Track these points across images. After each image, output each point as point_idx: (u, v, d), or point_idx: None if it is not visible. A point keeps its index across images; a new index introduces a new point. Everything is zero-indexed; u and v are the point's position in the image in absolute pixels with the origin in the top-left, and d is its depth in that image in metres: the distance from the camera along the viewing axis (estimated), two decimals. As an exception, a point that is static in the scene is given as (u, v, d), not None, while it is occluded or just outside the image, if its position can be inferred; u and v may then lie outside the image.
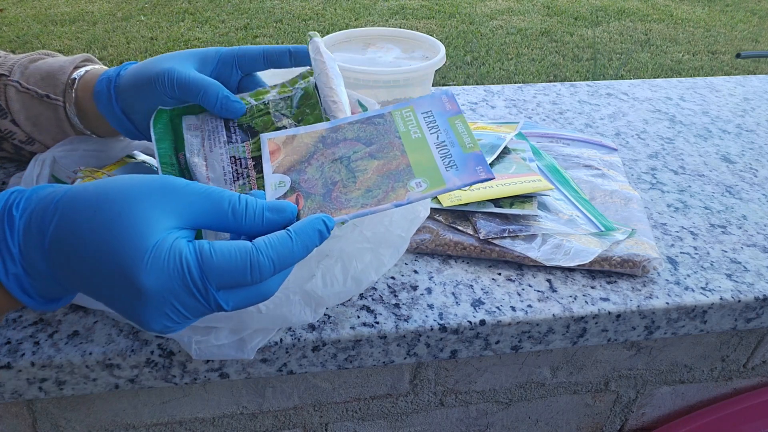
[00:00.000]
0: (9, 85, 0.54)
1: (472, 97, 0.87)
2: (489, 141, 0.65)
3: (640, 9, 4.41)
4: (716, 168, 0.73)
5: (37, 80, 0.55)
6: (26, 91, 0.54)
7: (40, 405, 0.52)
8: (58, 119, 0.55)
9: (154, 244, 0.33)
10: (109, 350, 0.44)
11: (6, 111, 0.55)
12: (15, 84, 0.54)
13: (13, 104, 0.55)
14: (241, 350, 0.44)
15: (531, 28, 3.95)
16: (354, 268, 0.46)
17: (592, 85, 0.94)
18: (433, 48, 0.71)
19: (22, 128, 0.56)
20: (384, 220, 0.47)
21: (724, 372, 0.66)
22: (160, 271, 0.33)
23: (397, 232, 0.48)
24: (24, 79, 0.55)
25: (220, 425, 0.57)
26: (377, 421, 0.61)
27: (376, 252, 0.47)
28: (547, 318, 0.50)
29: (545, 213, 0.58)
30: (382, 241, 0.47)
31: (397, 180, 0.43)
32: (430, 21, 4.00)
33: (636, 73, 3.40)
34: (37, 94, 0.54)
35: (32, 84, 0.55)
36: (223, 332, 0.44)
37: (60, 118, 0.55)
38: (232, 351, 0.44)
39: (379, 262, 0.47)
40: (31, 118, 0.55)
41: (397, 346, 0.49)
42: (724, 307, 0.53)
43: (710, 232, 0.61)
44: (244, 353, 0.44)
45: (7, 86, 0.55)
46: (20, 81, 0.55)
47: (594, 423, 0.68)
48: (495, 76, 3.27)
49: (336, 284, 0.45)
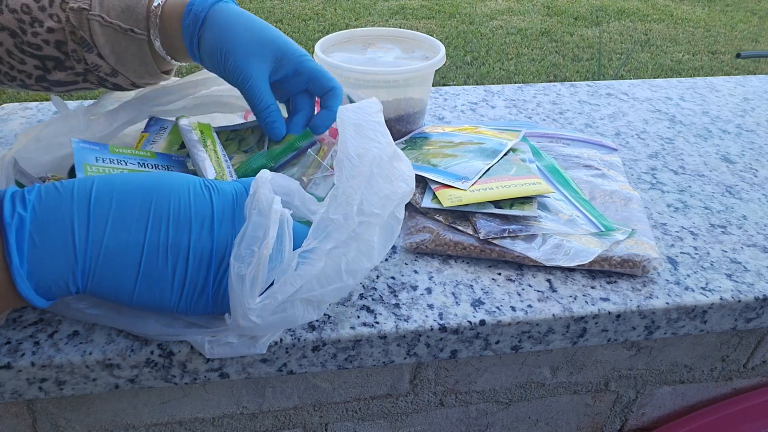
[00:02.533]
0: (92, 19, 0.53)
1: (472, 97, 0.87)
2: (491, 146, 0.66)
3: (640, 9, 4.41)
4: (716, 168, 0.73)
5: (118, 13, 0.54)
6: (110, 25, 0.54)
7: (40, 405, 0.52)
8: (141, 53, 0.55)
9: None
10: (109, 350, 0.44)
11: (92, 45, 0.54)
12: (98, 18, 0.53)
13: (98, 38, 0.54)
14: (254, 346, 0.44)
15: (531, 28, 3.95)
16: (344, 261, 0.45)
17: (592, 85, 0.94)
18: (433, 48, 0.71)
19: (107, 61, 0.55)
20: (352, 201, 0.45)
21: (724, 372, 0.66)
22: (228, 185, 0.43)
23: (372, 210, 0.45)
24: (104, 13, 0.54)
25: (220, 425, 0.57)
26: (377, 421, 0.61)
27: (360, 238, 0.45)
28: (547, 318, 0.50)
29: (545, 213, 0.58)
30: (362, 224, 0.45)
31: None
32: (430, 21, 4.00)
33: (636, 73, 3.40)
34: (121, 29, 0.54)
35: (114, 18, 0.54)
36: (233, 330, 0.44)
37: (143, 51, 0.55)
38: (244, 348, 0.44)
39: (369, 246, 0.46)
40: (116, 52, 0.55)
41: (397, 346, 0.49)
42: (724, 307, 0.53)
43: (710, 232, 0.61)
44: (257, 348, 0.44)
45: (90, 20, 0.53)
46: (102, 15, 0.54)
47: (594, 423, 0.68)
48: (495, 76, 3.27)
49: (332, 281, 0.45)
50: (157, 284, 0.40)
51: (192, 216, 0.40)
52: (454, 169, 0.61)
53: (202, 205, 0.40)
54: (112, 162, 0.52)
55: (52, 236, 0.37)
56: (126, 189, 0.39)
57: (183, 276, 0.40)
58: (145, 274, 0.39)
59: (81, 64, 0.55)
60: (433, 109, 0.83)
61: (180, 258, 0.39)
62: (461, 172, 0.61)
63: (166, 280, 0.39)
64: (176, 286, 0.40)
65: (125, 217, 0.38)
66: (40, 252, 0.37)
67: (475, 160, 0.63)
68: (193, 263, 0.40)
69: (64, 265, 0.37)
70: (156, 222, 0.39)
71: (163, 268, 0.39)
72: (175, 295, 0.40)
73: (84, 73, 0.56)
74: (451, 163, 0.62)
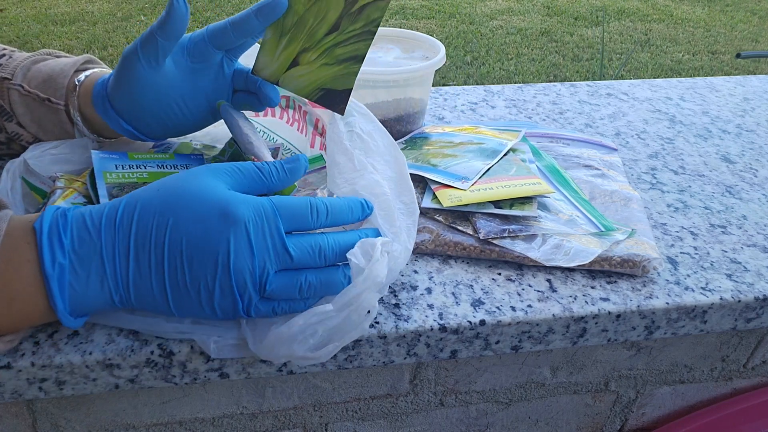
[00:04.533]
0: (12, 88, 0.55)
1: (472, 97, 0.87)
2: (491, 146, 0.66)
3: (640, 9, 4.41)
4: (716, 168, 0.73)
5: (39, 83, 0.55)
6: (28, 94, 0.55)
7: (40, 405, 0.52)
8: (60, 122, 0.56)
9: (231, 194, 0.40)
10: (109, 350, 0.44)
11: (11, 114, 0.56)
12: (17, 87, 0.55)
13: (17, 107, 0.55)
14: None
15: (531, 28, 3.95)
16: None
17: (592, 85, 0.94)
18: (433, 48, 0.71)
19: (28, 130, 0.56)
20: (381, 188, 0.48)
21: (724, 372, 0.66)
22: (246, 203, 0.40)
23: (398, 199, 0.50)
24: (26, 82, 0.55)
25: (220, 425, 0.57)
26: (377, 421, 0.61)
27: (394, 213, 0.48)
28: (547, 318, 0.50)
29: (545, 213, 0.58)
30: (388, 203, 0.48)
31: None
32: (430, 21, 4.00)
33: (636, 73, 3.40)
34: (39, 98, 0.55)
35: (34, 87, 0.55)
36: (240, 330, 0.44)
37: (62, 120, 0.56)
38: (249, 349, 0.44)
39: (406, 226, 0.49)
40: (35, 120, 0.56)
41: (397, 346, 0.49)
42: (724, 307, 0.53)
43: (710, 232, 0.61)
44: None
45: (10, 90, 0.55)
46: (22, 84, 0.55)
47: (594, 423, 0.68)
48: (495, 76, 3.27)
49: (394, 261, 0.45)
50: (188, 308, 0.41)
51: (204, 250, 0.39)
52: (454, 169, 0.61)
53: (215, 239, 0.39)
54: (131, 167, 0.52)
55: (87, 279, 0.39)
56: (147, 207, 0.40)
57: (210, 302, 0.40)
58: (175, 301, 0.40)
59: (2, 134, 0.57)
60: (433, 109, 0.83)
61: (202, 291, 0.40)
62: (461, 172, 0.61)
63: (195, 306, 0.41)
64: (207, 311, 0.41)
65: (145, 247, 0.39)
66: (79, 293, 0.39)
67: (475, 160, 0.63)
68: (217, 294, 0.40)
69: (102, 297, 0.40)
70: (171, 259, 0.39)
71: (187, 298, 0.40)
72: (209, 313, 0.41)
73: (7, 141, 0.58)
74: (451, 163, 0.62)
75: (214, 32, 0.50)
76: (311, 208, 0.42)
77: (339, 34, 0.48)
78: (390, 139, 0.55)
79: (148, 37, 0.47)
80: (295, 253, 0.41)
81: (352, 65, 0.49)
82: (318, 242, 0.42)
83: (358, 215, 0.45)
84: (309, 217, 0.42)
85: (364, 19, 0.47)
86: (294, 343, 0.40)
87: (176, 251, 0.39)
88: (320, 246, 0.42)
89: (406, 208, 0.51)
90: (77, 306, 0.40)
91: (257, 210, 0.40)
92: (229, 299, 0.40)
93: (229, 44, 0.51)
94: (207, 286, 0.39)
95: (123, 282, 0.40)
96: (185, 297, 0.40)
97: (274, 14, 0.48)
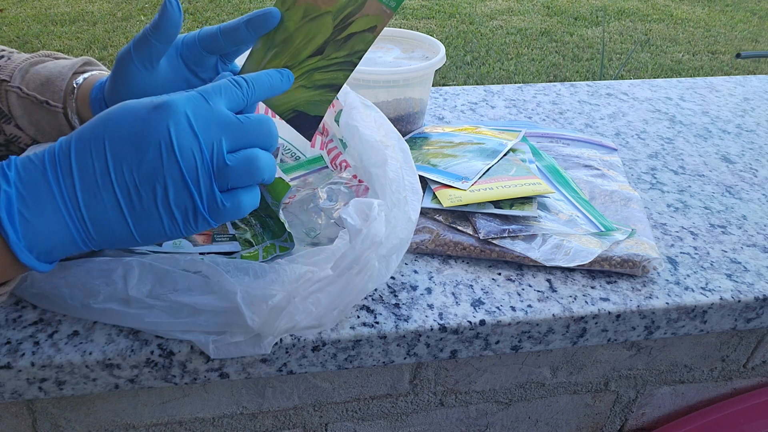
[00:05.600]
0: (10, 91, 0.55)
1: (472, 97, 0.87)
2: (491, 146, 0.66)
3: (640, 9, 4.41)
4: (716, 168, 0.73)
5: (37, 86, 0.55)
6: (26, 96, 0.55)
7: (40, 405, 0.52)
8: (59, 124, 0.56)
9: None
10: (108, 350, 0.44)
11: (9, 116, 0.56)
12: (16, 90, 0.55)
13: (16, 110, 0.55)
14: (258, 346, 0.44)
15: (531, 28, 3.95)
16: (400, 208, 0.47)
17: (592, 85, 0.94)
18: (433, 48, 0.71)
19: (26, 132, 0.56)
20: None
21: (724, 372, 0.66)
22: (176, 94, 0.40)
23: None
24: (24, 84, 0.55)
25: (220, 425, 0.57)
26: (377, 421, 0.61)
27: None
28: (547, 318, 0.50)
29: (545, 213, 0.58)
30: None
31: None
32: (430, 21, 4.00)
33: (636, 73, 3.40)
34: (37, 100, 0.55)
35: (32, 89, 0.55)
36: (239, 330, 0.44)
37: (61, 123, 0.56)
38: (249, 348, 0.44)
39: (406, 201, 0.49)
40: (33, 122, 0.56)
41: (397, 346, 0.49)
42: (724, 307, 0.53)
43: (710, 232, 0.61)
44: (261, 348, 0.44)
45: (8, 92, 0.55)
46: (21, 86, 0.55)
47: (594, 423, 0.68)
48: (495, 76, 3.27)
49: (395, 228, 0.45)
50: (146, 221, 0.39)
51: (147, 146, 0.38)
52: (454, 169, 0.61)
53: (155, 131, 0.39)
54: None
55: (39, 207, 0.38)
56: (81, 137, 0.39)
57: (167, 206, 0.39)
58: (132, 216, 0.39)
59: (0, 136, 0.57)
60: (433, 109, 0.83)
61: (157, 191, 0.39)
62: (461, 172, 0.61)
63: (153, 215, 0.39)
64: (166, 222, 0.40)
65: (87, 168, 0.38)
66: (33, 225, 0.38)
67: (475, 160, 0.63)
68: (171, 189, 0.39)
69: (60, 230, 0.38)
70: (118, 174, 0.38)
71: (139, 206, 0.39)
72: (171, 223, 0.40)
73: (5, 144, 0.58)
74: (451, 163, 0.62)
75: (205, 37, 0.50)
76: (233, 83, 0.42)
77: (322, 59, 0.48)
78: (397, 133, 0.55)
79: (141, 39, 0.48)
80: (244, 120, 0.41)
81: (327, 93, 0.49)
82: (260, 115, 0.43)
83: (278, 81, 0.46)
84: (236, 89, 0.42)
85: (348, 49, 0.48)
86: (296, 314, 0.39)
87: (120, 164, 0.38)
88: (263, 116, 0.42)
89: (411, 186, 0.51)
90: (35, 241, 0.38)
91: (188, 96, 0.40)
92: (184, 193, 0.39)
93: (220, 50, 0.51)
94: (159, 181, 0.38)
95: (77, 215, 0.39)
96: (141, 212, 0.39)
97: (264, 26, 0.49)
